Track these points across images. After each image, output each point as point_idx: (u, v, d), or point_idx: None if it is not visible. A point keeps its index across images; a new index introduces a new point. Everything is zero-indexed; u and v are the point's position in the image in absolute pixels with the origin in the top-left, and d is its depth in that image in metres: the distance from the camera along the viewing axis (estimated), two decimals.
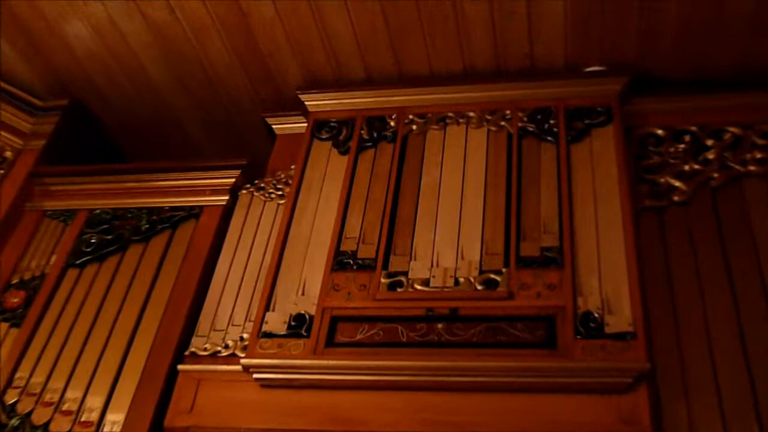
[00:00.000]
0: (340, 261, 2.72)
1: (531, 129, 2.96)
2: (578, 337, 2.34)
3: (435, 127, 3.07)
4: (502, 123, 3.02)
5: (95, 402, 2.53)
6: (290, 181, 3.06)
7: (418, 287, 2.59)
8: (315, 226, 2.86)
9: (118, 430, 2.44)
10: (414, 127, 3.10)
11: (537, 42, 2.98)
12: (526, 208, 2.72)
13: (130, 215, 3.06)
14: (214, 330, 2.71)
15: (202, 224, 3.02)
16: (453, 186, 2.86)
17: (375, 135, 3.09)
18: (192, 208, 3.07)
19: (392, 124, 3.12)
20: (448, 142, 3.01)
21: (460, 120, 3.06)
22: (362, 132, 3.11)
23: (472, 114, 3.06)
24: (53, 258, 2.97)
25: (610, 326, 2.35)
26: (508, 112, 3.03)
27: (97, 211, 3.09)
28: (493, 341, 2.38)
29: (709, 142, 2.77)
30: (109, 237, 3.00)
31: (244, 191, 3.14)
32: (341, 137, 3.14)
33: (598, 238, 2.58)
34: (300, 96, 3.24)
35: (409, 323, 2.49)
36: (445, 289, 2.54)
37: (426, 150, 3.00)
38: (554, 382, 2.29)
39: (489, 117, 3.03)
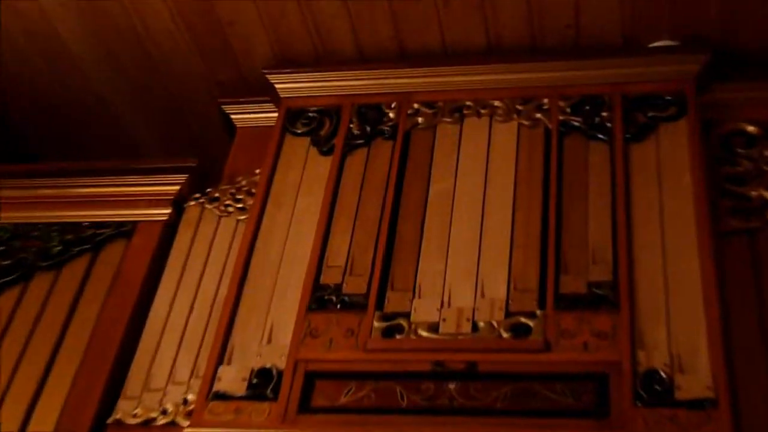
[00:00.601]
0: (320, 298, 2.74)
1: (576, 123, 2.98)
2: (639, 403, 2.33)
3: (448, 119, 3.10)
4: (538, 115, 3.03)
5: None
6: (254, 190, 3.09)
7: (424, 334, 2.59)
8: (287, 250, 2.89)
9: None
10: (420, 119, 3.12)
11: (585, 9, 3.02)
12: (569, 229, 2.73)
13: (36, 233, 3.06)
14: (149, 390, 2.72)
15: (135, 246, 3.03)
16: (471, 198, 2.87)
17: (368, 129, 3.12)
18: (121, 224, 3.07)
19: (391, 115, 3.14)
20: (465, 140, 3.03)
21: (482, 111, 3.08)
22: (351, 125, 3.13)
23: (497, 103, 3.08)
24: None
25: (682, 390, 2.35)
26: (545, 100, 3.04)
27: None
28: (524, 407, 2.39)
29: None
30: (6, 262, 3.01)
31: (192, 203, 3.16)
32: (323, 132, 3.17)
33: (665, 271, 2.59)
34: (269, 77, 3.27)
35: (410, 382, 2.49)
36: (460, 337, 2.55)
37: (436, 150, 3.02)
38: None
39: (520, 107, 3.05)
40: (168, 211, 3.12)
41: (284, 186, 3.06)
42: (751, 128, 2.89)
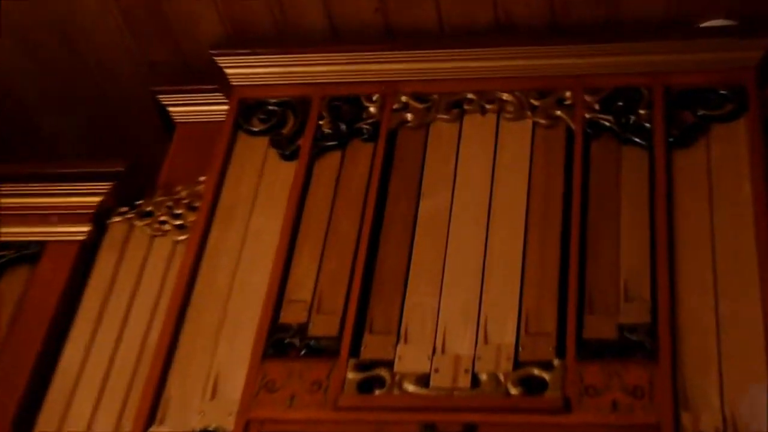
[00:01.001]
0: (279, 341, 2.74)
1: (607, 123, 3.00)
2: None
3: (444, 116, 3.12)
4: (558, 112, 3.06)
5: None
6: (197, 204, 3.10)
7: (411, 388, 2.58)
8: (238, 280, 2.91)
9: None
10: (409, 116, 3.15)
11: None
12: (596, 256, 2.75)
13: None
14: None
15: (43, 273, 3.02)
16: (472, 217, 2.89)
17: (343, 128, 3.15)
18: (26, 244, 3.07)
19: (372, 110, 3.17)
20: (465, 142, 3.05)
21: (487, 106, 3.10)
22: (321, 123, 3.16)
23: (507, 97, 3.11)
24: None
25: None
26: (568, 94, 3.08)
27: None
28: None
29: None
30: None
31: (117, 218, 3.16)
32: (286, 131, 3.20)
33: (717, 310, 2.59)
34: (217, 60, 3.29)
35: None
36: (456, 393, 2.53)
37: (428, 155, 3.05)
38: None
39: (536, 102, 3.08)
40: (86, 228, 3.11)
41: (236, 198, 3.08)
42: None
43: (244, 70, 3.30)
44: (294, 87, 3.26)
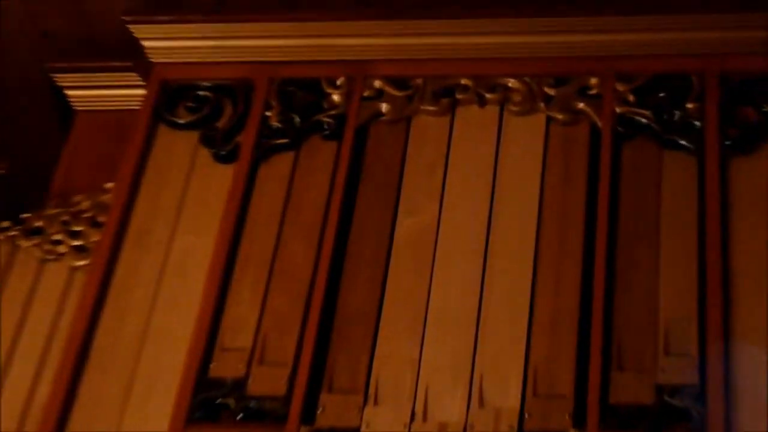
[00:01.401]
0: (208, 401, 2.75)
1: (644, 120, 3.02)
2: None
3: (430, 108, 3.14)
4: (581, 105, 3.08)
5: None
6: (102, 218, 3.10)
7: None
8: (155, 319, 2.93)
9: None
10: (384, 106, 3.17)
11: None
12: (628, 293, 2.75)
13: None
14: None
15: None
16: (466, 240, 2.90)
17: (298, 121, 3.16)
18: None
19: (336, 98, 3.18)
20: (458, 141, 3.06)
21: (487, 95, 3.12)
22: (269, 114, 3.17)
23: (513, 83, 3.13)
24: None
25: None
26: (593, 81, 3.09)
27: None
28: None
29: None
30: None
31: None
32: (221, 123, 3.20)
33: None
34: (132, 29, 3.31)
35: None
36: None
37: (409, 158, 3.07)
38: None
39: (551, 91, 3.10)
40: None
41: (154, 212, 3.09)
42: None
43: (167, 42, 3.33)
44: (232, 66, 3.30)
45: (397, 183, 3.05)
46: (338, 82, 3.21)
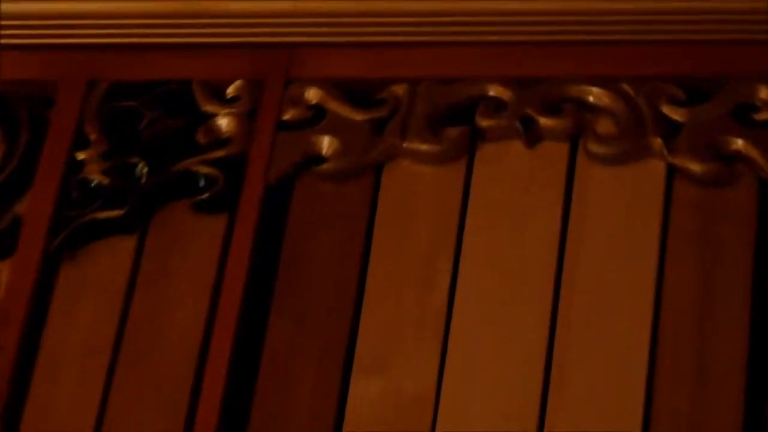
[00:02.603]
0: None
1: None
2: None
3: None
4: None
5: None
6: None
7: None
8: None
9: None
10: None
11: None
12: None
13: None
14: None
15: None
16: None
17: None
18: None
19: (222, 123, 2.64)
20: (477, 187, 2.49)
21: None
22: (82, 149, 2.69)
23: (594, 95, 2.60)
24: None
25: None
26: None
27: None
28: None
29: None
30: None
31: None
32: None
33: None
34: None
35: None
36: None
37: (376, 231, 2.49)
38: None
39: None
40: None
41: None
42: None
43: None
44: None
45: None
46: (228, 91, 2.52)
